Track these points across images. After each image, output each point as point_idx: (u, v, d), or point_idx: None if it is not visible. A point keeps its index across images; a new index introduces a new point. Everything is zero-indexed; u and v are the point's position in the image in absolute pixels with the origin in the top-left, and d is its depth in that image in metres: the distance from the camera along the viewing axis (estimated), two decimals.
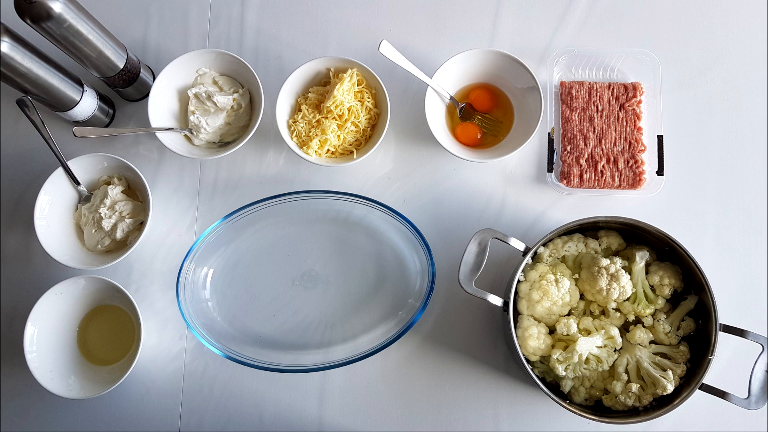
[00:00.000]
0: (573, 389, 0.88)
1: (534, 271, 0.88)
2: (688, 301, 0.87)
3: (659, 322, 0.87)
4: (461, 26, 1.05)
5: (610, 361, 0.85)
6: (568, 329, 0.84)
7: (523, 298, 0.88)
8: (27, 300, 0.90)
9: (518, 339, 0.85)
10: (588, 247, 0.91)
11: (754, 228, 0.97)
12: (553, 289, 0.85)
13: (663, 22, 1.03)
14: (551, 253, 0.90)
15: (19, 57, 0.81)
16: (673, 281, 0.87)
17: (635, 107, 0.98)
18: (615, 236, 0.91)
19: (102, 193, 0.94)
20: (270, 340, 0.95)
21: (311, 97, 0.96)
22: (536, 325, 0.85)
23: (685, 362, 0.85)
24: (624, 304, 0.87)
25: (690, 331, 0.87)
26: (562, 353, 0.83)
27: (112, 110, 1.03)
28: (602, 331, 0.85)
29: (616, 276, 0.84)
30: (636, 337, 0.86)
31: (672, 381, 0.82)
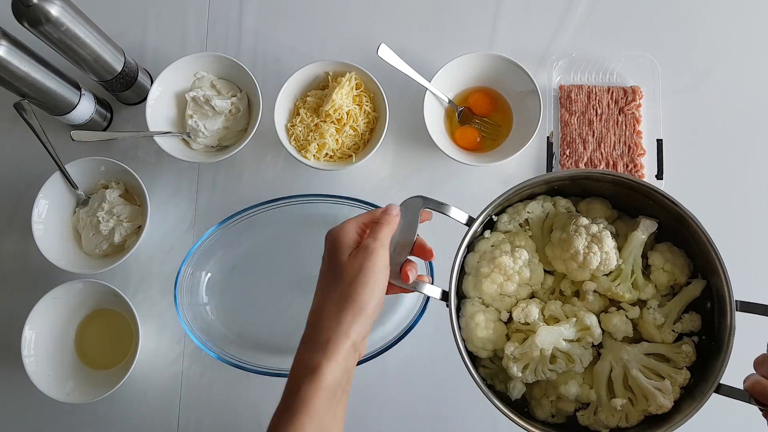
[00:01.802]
0: (534, 401, 0.68)
1: (486, 240, 0.69)
2: (692, 286, 0.66)
3: (649, 311, 0.65)
4: (460, 30, 1.04)
5: (584, 361, 0.65)
6: (527, 316, 0.64)
7: (469, 274, 0.69)
8: (24, 304, 0.90)
9: (461, 330, 0.66)
10: (559, 207, 0.70)
11: (755, 232, 0.97)
12: (507, 261, 0.65)
13: (662, 26, 1.03)
14: (510, 218, 0.71)
15: (16, 61, 0.81)
16: (676, 270, 0.66)
17: (634, 111, 0.98)
18: (601, 205, 0.70)
19: (100, 197, 0.94)
20: (268, 344, 0.94)
21: (309, 100, 0.96)
22: (484, 311, 0.67)
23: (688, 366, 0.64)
24: (601, 279, 0.66)
25: (693, 328, 0.66)
26: (517, 347, 0.64)
27: (109, 114, 1.02)
28: (573, 319, 0.65)
29: (598, 237, 0.64)
30: (612, 324, 0.65)
31: (670, 394, 0.61)
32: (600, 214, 0.70)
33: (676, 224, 0.66)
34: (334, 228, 0.61)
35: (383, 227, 0.60)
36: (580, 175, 0.69)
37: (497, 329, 0.66)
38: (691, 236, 0.65)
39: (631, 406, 0.64)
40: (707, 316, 0.66)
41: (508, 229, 0.71)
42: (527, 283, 0.68)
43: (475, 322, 0.66)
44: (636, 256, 0.67)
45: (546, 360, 0.64)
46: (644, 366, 0.64)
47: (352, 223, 0.61)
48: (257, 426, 0.93)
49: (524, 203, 0.70)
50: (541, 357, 0.63)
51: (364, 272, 0.56)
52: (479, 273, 0.67)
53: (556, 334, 0.63)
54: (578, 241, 0.64)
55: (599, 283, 0.67)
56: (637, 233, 0.66)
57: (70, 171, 0.94)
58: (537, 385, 0.68)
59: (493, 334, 0.66)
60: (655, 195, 0.65)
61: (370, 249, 0.57)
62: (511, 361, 0.64)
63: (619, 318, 0.65)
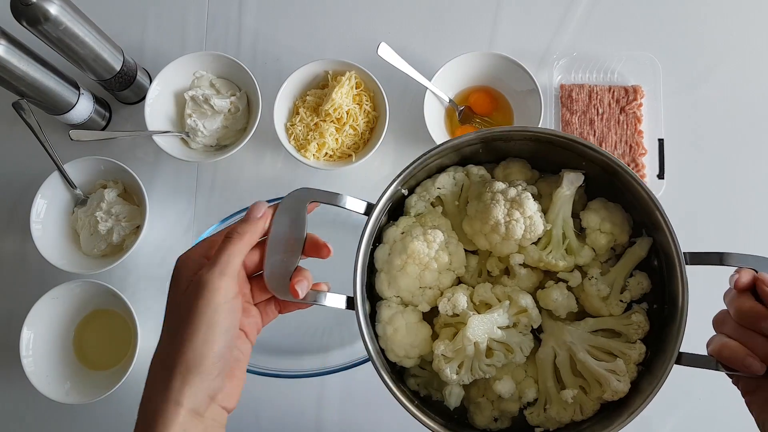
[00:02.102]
0: (473, 406, 0.59)
1: (394, 228, 0.60)
2: (637, 246, 0.58)
3: (591, 281, 0.57)
4: (460, 29, 1.04)
5: (525, 348, 0.56)
6: (454, 306, 0.55)
7: (381, 271, 0.59)
8: (23, 304, 0.90)
9: (380, 340, 0.57)
10: (472, 175, 0.62)
11: (756, 231, 0.96)
12: (420, 246, 0.56)
13: (664, 25, 1.03)
14: (420, 198, 0.61)
15: (15, 60, 0.81)
16: (615, 229, 0.58)
17: (636, 110, 0.98)
18: (519, 166, 0.62)
19: (98, 196, 0.94)
20: (267, 345, 0.94)
21: (309, 100, 0.96)
22: (403, 312, 0.57)
23: (642, 338, 0.56)
24: (530, 249, 0.58)
25: (642, 291, 0.58)
26: (448, 344, 0.54)
27: (108, 113, 1.02)
28: (507, 302, 0.56)
29: (518, 202, 0.55)
30: (551, 299, 0.56)
31: (626, 375, 0.53)
32: (519, 177, 0.61)
33: (608, 178, 0.57)
34: (183, 253, 0.49)
35: (230, 246, 0.47)
36: (492, 136, 0.58)
37: (420, 331, 0.57)
38: (625, 189, 0.56)
39: (585, 395, 0.55)
40: (656, 280, 0.58)
41: (420, 211, 0.61)
42: (448, 269, 0.58)
43: (393, 328, 0.56)
44: (565, 217, 0.58)
45: (482, 354, 0.54)
46: (592, 346, 0.56)
47: (202, 245, 0.49)
48: (256, 427, 0.93)
49: (433, 178, 0.61)
50: (476, 352, 0.54)
51: (194, 316, 0.44)
52: (392, 267, 0.57)
53: (489, 323, 0.54)
54: (496, 210, 0.55)
55: (528, 254, 0.58)
56: (561, 190, 0.57)
57: (69, 170, 0.93)
58: (474, 386, 0.59)
59: (416, 337, 0.56)
60: (578, 146, 0.55)
61: (202, 283, 0.45)
62: (443, 363, 0.54)
63: (558, 291, 0.57)
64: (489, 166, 0.64)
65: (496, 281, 0.61)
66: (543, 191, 0.61)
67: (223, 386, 0.46)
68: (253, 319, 0.51)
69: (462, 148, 0.60)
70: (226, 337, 0.45)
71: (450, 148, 0.58)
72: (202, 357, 0.43)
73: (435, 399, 0.60)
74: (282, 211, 0.51)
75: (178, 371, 0.43)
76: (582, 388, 0.56)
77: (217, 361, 0.44)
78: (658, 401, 0.49)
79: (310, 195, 0.52)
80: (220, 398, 0.46)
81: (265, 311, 0.53)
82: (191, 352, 0.43)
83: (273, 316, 0.53)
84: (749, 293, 0.49)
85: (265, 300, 0.53)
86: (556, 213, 0.58)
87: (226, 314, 0.45)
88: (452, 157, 0.62)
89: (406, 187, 0.62)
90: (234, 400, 0.48)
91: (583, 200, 0.62)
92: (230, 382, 0.47)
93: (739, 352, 0.47)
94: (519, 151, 0.63)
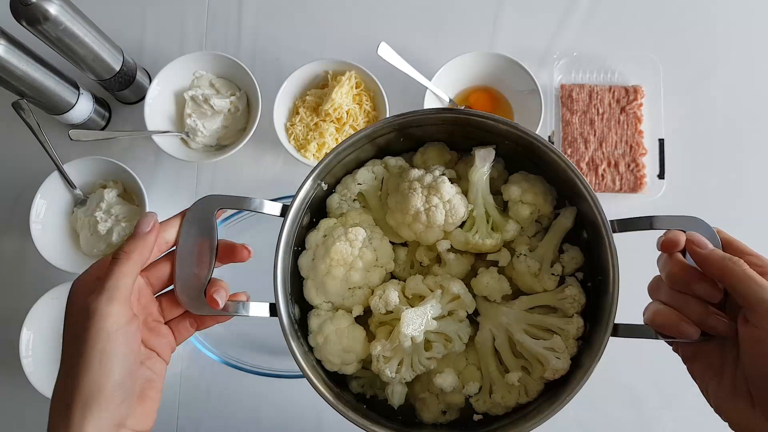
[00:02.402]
0: (419, 403, 0.58)
1: (315, 232, 0.58)
2: (561, 217, 0.57)
3: (520, 259, 0.56)
4: (461, 28, 1.04)
5: (463, 336, 0.55)
6: (386, 303, 0.53)
7: (308, 279, 0.57)
8: (22, 304, 0.90)
9: (314, 351, 0.55)
10: (390, 167, 0.60)
11: (756, 232, 0.96)
12: (343, 246, 0.54)
13: (664, 25, 1.02)
14: (341, 198, 0.60)
15: (14, 60, 0.80)
16: (537, 199, 0.57)
17: (636, 110, 0.97)
18: (436, 150, 0.61)
19: (98, 196, 0.94)
20: (267, 345, 0.94)
21: (309, 99, 0.96)
22: (332, 318, 0.55)
23: (579, 312, 0.54)
24: (455, 233, 0.57)
25: (576, 264, 0.57)
26: (385, 344, 0.53)
27: (108, 113, 1.02)
28: (438, 291, 0.55)
29: (435, 187, 0.54)
30: (483, 285, 0.55)
31: (565, 351, 0.52)
32: (437, 161, 0.60)
33: (526, 153, 0.56)
34: (77, 278, 0.46)
35: (117, 268, 0.44)
36: (404, 122, 0.56)
37: (353, 334, 0.55)
38: (544, 162, 0.55)
39: (528, 375, 0.54)
40: (588, 252, 0.57)
41: (343, 211, 0.59)
42: (376, 265, 0.57)
43: (323, 337, 0.54)
44: (485, 195, 0.57)
45: (420, 348, 0.53)
46: (530, 324, 0.55)
47: (96, 266, 0.46)
48: (256, 427, 0.93)
49: (353, 174, 0.59)
50: (414, 347, 0.53)
51: (86, 348, 0.42)
52: (317, 272, 0.55)
53: (423, 315, 0.52)
54: (414, 198, 0.54)
55: (454, 238, 0.57)
56: (475, 167, 0.56)
57: (69, 170, 0.93)
58: (418, 382, 0.57)
59: (349, 342, 0.54)
60: (490, 124, 0.54)
61: (90, 312, 0.42)
62: (382, 363, 0.53)
63: (489, 276, 0.56)
64: (408, 154, 0.63)
65: (428, 271, 0.59)
66: (462, 173, 0.60)
67: (131, 412, 0.44)
68: (165, 339, 0.49)
69: (376, 138, 0.58)
70: (124, 364, 0.43)
71: (363, 138, 0.56)
72: (99, 388, 0.42)
73: (381, 399, 0.59)
74: (189, 222, 0.48)
75: (76, 406, 0.41)
76: (525, 369, 0.55)
77: (118, 389, 0.42)
78: (658, 401, 0.49)
79: (217, 202, 0.50)
80: (131, 423, 0.44)
81: (178, 329, 0.50)
82: (87, 385, 0.42)
83: (188, 333, 0.51)
84: (679, 256, 0.48)
85: (178, 317, 0.50)
86: (476, 192, 0.57)
87: (122, 341, 0.43)
88: (368, 149, 0.60)
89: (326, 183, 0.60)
90: (149, 421, 0.46)
91: (505, 177, 0.61)
92: (141, 405, 0.45)
93: (673, 318, 0.46)
94: (436, 135, 0.61)
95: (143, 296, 0.47)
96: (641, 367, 0.88)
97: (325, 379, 0.55)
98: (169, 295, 0.50)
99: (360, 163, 0.61)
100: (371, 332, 0.57)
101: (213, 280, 0.49)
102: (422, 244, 0.59)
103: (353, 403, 0.55)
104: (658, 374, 0.88)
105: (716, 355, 0.47)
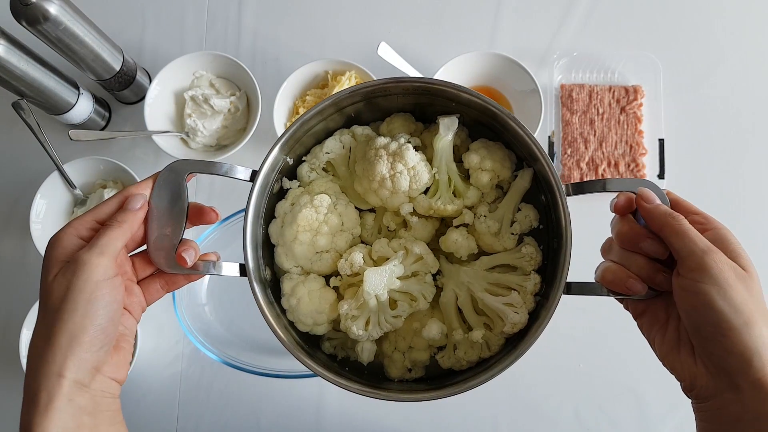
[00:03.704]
0: (387, 360, 0.61)
1: (284, 201, 0.61)
2: (519, 179, 0.59)
3: (481, 220, 0.59)
4: (460, 28, 1.04)
5: (428, 295, 0.58)
6: (351, 265, 0.56)
7: (278, 246, 0.60)
8: (22, 304, 0.90)
9: (287, 313, 0.58)
10: (357, 135, 0.62)
11: (757, 231, 0.96)
12: (309, 213, 0.57)
13: (664, 25, 1.02)
14: (311, 167, 0.62)
15: (14, 60, 0.80)
16: (496, 165, 0.59)
17: (636, 110, 0.97)
18: (401, 120, 0.63)
19: (98, 196, 0.94)
20: (267, 345, 0.94)
21: (309, 99, 0.96)
22: (304, 281, 0.58)
23: (536, 269, 0.58)
24: (419, 198, 0.59)
25: (532, 223, 0.59)
26: (351, 303, 0.55)
27: (108, 113, 1.02)
28: (401, 252, 0.57)
29: (399, 154, 0.56)
30: (452, 242, 0.58)
31: (522, 306, 0.55)
32: (402, 130, 0.62)
33: (488, 120, 0.59)
34: (55, 234, 0.49)
35: (109, 231, 0.48)
36: (368, 91, 0.57)
37: (324, 296, 0.57)
38: (503, 128, 0.58)
39: (489, 331, 0.57)
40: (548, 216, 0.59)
41: (312, 179, 0.62)
42: (341, 230, 0.59)
43: (296, 298, 0.56)
44: (448, 162, 0.60)
45: (386, 307, 0.56)
46: (490, 283, 0.57)
47: (75, 225, 0.49)
48: (256, 427, 0.93)
49: (321, 144, 0.61)
50: (379, 305, 0.55)
51: (72, 293, 0.44)
52: (285, 239, 0.58)
53: (386, 274, 0.55)
54: (380, 165, 0.56)
55: (417, 204, 0.59)
56: (439, 135, 0.58)
57: (69, 170, 0.93)
58: (386, 340, 0.60)
59: (320, 303, 0.57)
60: (451, 92, 0.56)
61: (81, 262, 0.45)
62: (350, 321, 0.55)
63: (458, 233, 0.58)
64: (376, 124, 0.65)
65: (394, 236, 0.62)
66: (427, 141, 0.62)
67: (108, 359, 0.46)
68: (136, 299, 0.51)
69: (344, 108, 0.60)
70: (107, 311, 0.46)
71: (330, 106, 0.58)
72: (83, 329, 0.44)
73: (352, 360, 0.62)
74: (160, 185, 0.51)
75: (58, 345, 0.44)
76: (487, 326, 0.58)
77: (99, 333, 0.45)
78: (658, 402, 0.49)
79: (188, 166, 0.52)
80: (107, 370, 0.46)
81: (149, 290, 0.53)
82: (72, 325, 0.44)
83: (158, 295, 0.53)
84: (630, 217, 0.50)
85: (148, 278, 0.53)
86: (439, 159, 0.59)
87: (107, 290, 0.46)
88: (336, 119, 0.62)
89: (292, 155, 0.61)
90: (123, 371, 0.49)
91: (468, 144, 0.63)
92: (117, 354, 0.48)
93: (621, 274, 0.48)
94: (402, 105, 0.63)
95: (119, 255, 0.50)
96: (646, 370, 0.88)
97: (298, 339, 0.57)
98: (141, 254, 0.52)
99: (329, 133, 0.63)
100: (341, 295, 0.60)
101: (184, 240, 0.51)
102: (389, 210, 0.62)
103: (325, 361, 0.58)
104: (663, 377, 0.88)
105: (662, 310, 0.49)
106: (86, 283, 0.45)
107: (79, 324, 0.44)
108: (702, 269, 0.44)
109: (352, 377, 0.56)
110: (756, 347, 0.42)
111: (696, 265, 0.44)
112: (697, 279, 0.44)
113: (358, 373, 0.60)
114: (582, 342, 0.92)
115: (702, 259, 0.44)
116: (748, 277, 0.44)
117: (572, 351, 0.92)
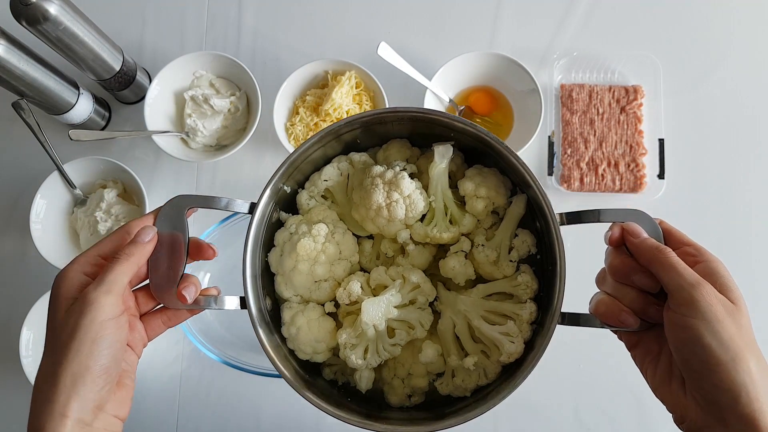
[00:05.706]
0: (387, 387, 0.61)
1: (283, 230, 0.61)
2: (514, 205, 0.60)
3: (479, 249, 0.59)
4: (461, 28, 1.04)
5: (425, 323, 0.58)
6: (350, 294, 0.56)
7: (277, 275, 0.60)
8: (22, 304, 0.90)
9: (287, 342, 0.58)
10: (355, 162, 0.62)
11: (757, 231, 0.96)
12: (307, 242, 0.57)
13: (664, 25, 1.02)
14: (310, 195, 0.62)
15: (14, 60, 0.80)
16: (491, 192, 0.59)
17: (636, 110, 0.97)
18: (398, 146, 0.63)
19: (98, 196, 0.94)
20: None
21: (309, 99, 0.96)
22: (304, 310, 0.58)
23: (533, 298, 0.57)
24: (416, 226, 0.59)
25: (530, 248, 0.59)
26: (350, 332, 0.56)
27: (108, 113, 1.02)
28: (398, 281, 0.57)
29: (395, 183, 0.57)
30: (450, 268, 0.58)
31: (518, 336, 0.55)
32: (398, 156, 0.62)
33: (483, 148, 0.59)
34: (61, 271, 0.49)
35: (117, 266, 0.48)
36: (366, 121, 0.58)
37: (323, 325, 0.58)
38: (497, 156, 0.58)
39: (487, 359, 0.57)
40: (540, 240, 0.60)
41: (311, 207, 0.62)
42: (339, 258, 0.59)
43: (296, 327, 0.56)
44: (444, 189, 0.60)
45: (384, 335, 0.56)
46: (487, 311, 0.57)
47: (80, 261, 0.49)
48: (256, 427, 0.93)
49: (320, 171, 0.61)
50: (377, 334, 0.55)
51: (79, 333, 0.45)
52: (285, 268, 0.58)
53: (384, 304, 0.55)
54: (376, 194, 0.57)
55: (414, 232, 0.60)
56: (434, 163, 0.59)
57: (69, 170, 0.93)
58: (386, 367, 0.60)
59: (320, 332, 0.57)
60: (444, 121, 0.57)
61: (88, 301, 0.46)
62: (348, 350, 0.56)
63: (456, 260, 0.58)
64: (374, 150, 0.66)
65: (392, 262, 0.62)
66: (423, 167, 0.62)
67: (110, 396, 0.47)
68: (138, 334, 0.52)
69: (342, 135, 0.60)
70: (111, 350, 0.46)
71: (328, 133, 0.58)
72: (87, 369, 0.45)
73: (352, 385, 0.61)
74: (162, 219, 0.52)
75: (63, 385, 0.44)
76: (485, 353, 0.58)
77: (103, 373, 0.46)
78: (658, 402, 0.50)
79: (188, 201, 0.52)
80: (109, 407, 0.47)
81: (150, 325, 0.53)
82: (76, 366, 0.45)
83: (159, 330, 0.54)
84: (623, 249, 0.50)
85: (150, 312, 0.53)
86: (435, 187, 0.60)
87: (112, 330, 0.46)
88: (335, 146, 0.62)
89: (289, 184, 0.62)
90: (125, 408, 0.49)
91: (464, 170, 0.63)
92: (119, 391, 0.48)
93: (614, 307, 0.49)
94: (398, 131, 0.63)
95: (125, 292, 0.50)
96: None
97: (297, 367, 0.58)
98: (144, 289, 0.53)
99: (327, 160, 0.64)
100: (340, 323, 0.60)
101: (185, 275, 0.52)
102: (386, 237, 0.62)
103: (326, 388, 0.59)
104: None
105: (655, 343, 0.49)
106: (92, 323, 0.45)
107: (83, 364, 0.45)
108: (690, 304, 0.44)
109: (353, 406, 0.56)
110: (744, 383, 0.42)
111: (684, 300, 0.44)
112: (686, 313, 0.44)
113: (360, 398, 0.60)
114: (582, 342, 0.92)
115: (690, 293, 0.44)
116: (737, 310, 0.44)
117: (572, 351, 0.92)
